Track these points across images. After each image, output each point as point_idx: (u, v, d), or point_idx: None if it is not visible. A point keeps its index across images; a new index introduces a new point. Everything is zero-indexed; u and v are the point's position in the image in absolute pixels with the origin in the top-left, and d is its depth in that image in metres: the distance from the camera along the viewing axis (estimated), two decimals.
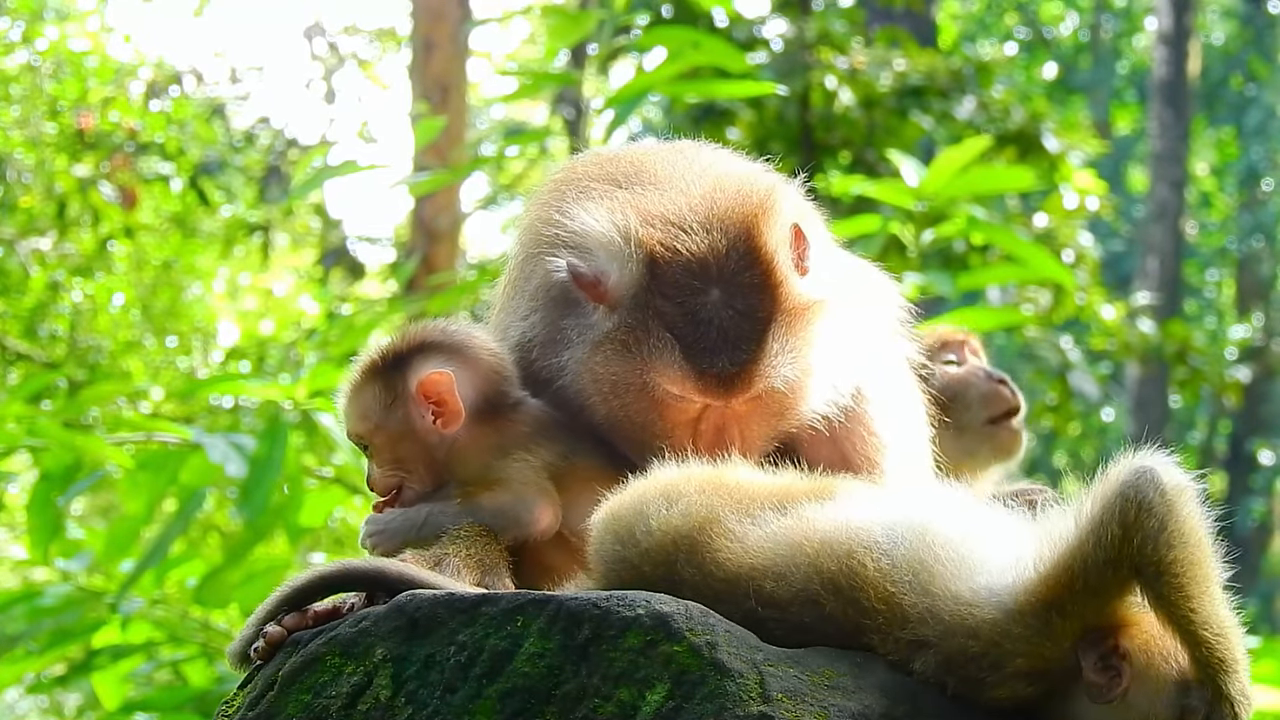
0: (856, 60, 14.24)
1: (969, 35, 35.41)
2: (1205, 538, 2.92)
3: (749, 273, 3.42)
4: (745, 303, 3.41)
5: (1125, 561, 2.87)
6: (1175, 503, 2.88)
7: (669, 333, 3.40)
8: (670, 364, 3.40)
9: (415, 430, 3.58)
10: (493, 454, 3.57)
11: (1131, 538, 2.86)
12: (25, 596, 7.29)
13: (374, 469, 3.64)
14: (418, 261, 14.69)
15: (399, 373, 3.61)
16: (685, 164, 3.60)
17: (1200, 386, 17.91)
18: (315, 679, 3.12)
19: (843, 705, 2.97)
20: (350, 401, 3.66)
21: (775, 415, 3.53)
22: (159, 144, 16.95)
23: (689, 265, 3.40)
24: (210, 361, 17.67)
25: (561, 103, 19.68)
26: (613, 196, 3.52)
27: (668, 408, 3.47)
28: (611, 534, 3.21)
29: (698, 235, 3.42)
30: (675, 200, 3.48)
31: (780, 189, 3.55)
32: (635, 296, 3.42)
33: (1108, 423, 33.18)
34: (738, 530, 3.16)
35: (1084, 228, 15.93)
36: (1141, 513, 2.87)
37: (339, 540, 14.19)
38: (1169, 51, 28.54)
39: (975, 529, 3.08)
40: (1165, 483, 2.89)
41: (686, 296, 3.40)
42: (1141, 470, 2.90)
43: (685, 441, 3.46)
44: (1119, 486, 2.89)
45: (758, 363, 3.41)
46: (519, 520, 3.50)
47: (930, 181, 7.64)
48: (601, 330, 3.46)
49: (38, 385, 10.70)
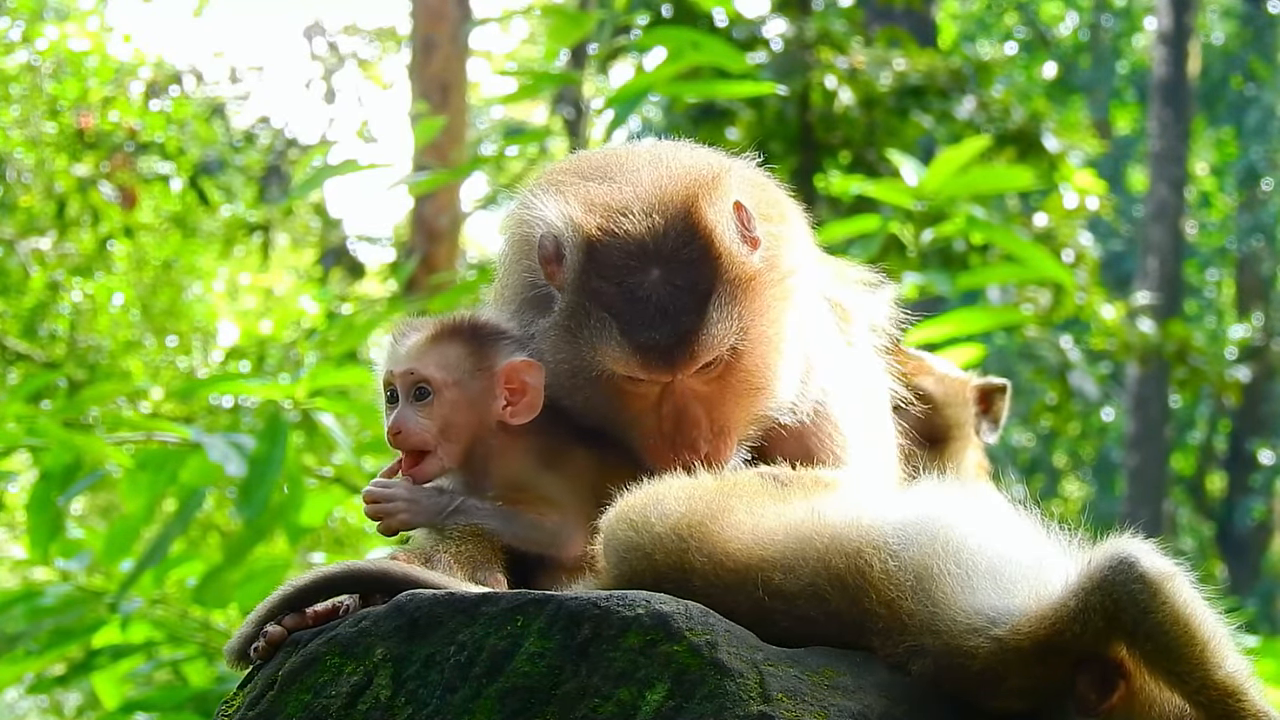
0: (856, 60, 14.25)
1: (969, 35, 35.42)
2: (1195, 617, 2.84)
3: (688, 248, 3.42)
4: (685, 277, 3.41)
5: (1114, 637, 2.86)
6: (1158, 591, 2.82)
7: (606, 312, 3.41)
8: (609, 342, 3.40)
9: (484, 407, 3.52)
10: (539, 462, 3.53)
11: (1115, 627, 2.84)
12: (25, 596, 7.29)
13: (413, 418, 3.50)
14: (418, 261, 14.70)
15: (491, 345, 3.55)
16: (647, 159, 3.62)
17: (1200, 386, 17.93)
18: (315, 679, 3.12)
19: (843, 705, 2.97)
20: (428, 346, 3.54)
21: (743, 395, 3.49)
22: (159, 144, 16.97)
23: (627, 247, 3.41)
24: (210, 361, 17.68)
25: (561, 103, 19.68)
26: (569, 189, 3.55)
27: (624, 395, 3.46)
28: (625, 521, 3.21)
29: (637, 218, 3.43)
30: (623, 189, 3.50)
31: (728, 170, 3.55)
32: (575, 280, 3.44)
33: (1108, 422, 33.19)
34: (749, 521, 3.15)
35: (1084, 227, 15.94)
36: (1122, 606, 2.82)
37: (339, 540, 14.19)
38: (1169, 51, 28.53)
39: (989, 537, 3.05)
40: (1146, 570, 2.82)
41: (624, 276, 3.41)
42: (1120, 560, 2.83)
43: (651, 430, 3.46)
44: (1099, 579, 2.84)
45: (697, 331, 3.39)
46: (557, 543, 3.48)
47: (930, 181, 7.64)
48: (553, 320, 3.49)
49: (38, 385, 10.70)
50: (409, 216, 16.37)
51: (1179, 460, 34.75)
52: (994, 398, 4.94)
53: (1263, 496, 34.34)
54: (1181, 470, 35.29)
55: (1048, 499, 3.58)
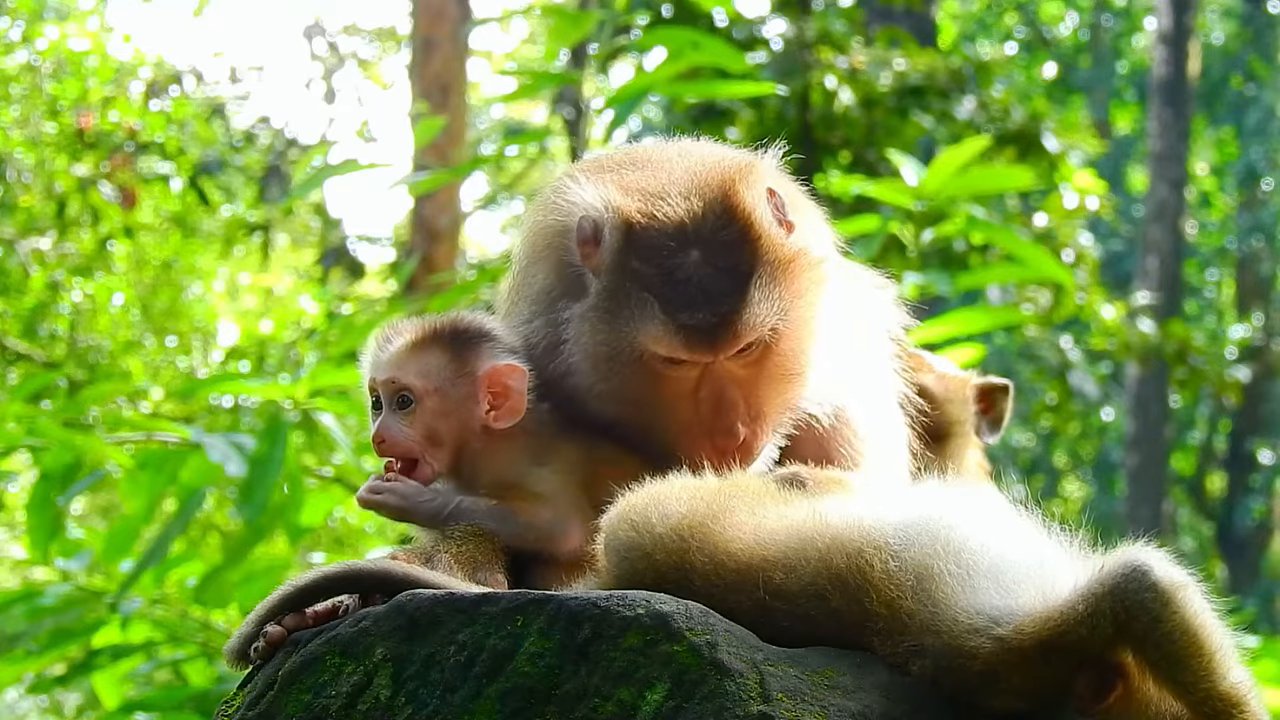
0: (856, 60, 14.25)
1: (969, 35, 35.41)
2: (1204, 628, 2.85)
3: (727, 230, 3.43)
4: (725, 259, 3.42)
5: (1120, 643, 2.87)
6: (1170, 601, 2.83)
7: (647, 293, 3.41)
8: (651, 322, 3.40)
9: (467, 412, 3.53)
10: (527, 459, 3.53)
11: (1124, 634, 2.84)
12: (25, 596, 7.29)
13: (396, 426, 3.52)
14: (418, 261, 14.71)
15: (473, 350, 3.55)
16: (674, 151, 3.65)
17: (1200, 386, 17.93)
18: (315, 678, 3.12)
19: (843, 705, 2.97)
20: (408, 353, 3.54)
21: (780, 380, 3.50)
22: (159, 144, 16.96)
23: (665, 229, 3.42)
24: (210, 361, 17.67)
25: (561, 103, 19.69)
26: (605, 177, 3.56)
27: (662, 378, 3.46)
28: (626, 521, 3.21)
29: (676, 201, 3.45)
30: (657, 175, 3.53)
31: (761, 160, 3.57)
32: (614, 263, 3.44)
33: (1107, 422, 33.19)
34: (751, 521, 3.15)
35: (1084, 227, 15.96)
36: (1134, 614, 2.82)
37: (339, 540, 14.20)
38: (1169, 51, 28.53)
39: (990, 538, 3.04)
40: (1159, 580, 2.83)
41: (664, 258, 3.41)
42: (1134, 568, 2.84)
43: (687, 415, 3.45)
44: (1110, 586, 2.84)
45: (740, 312, 3.39)
46: (552, 538, 3.47)
47: (930, 181, 7.64)
48: (589, 303, 3.48)
49: (38, 385, 10.69)
50: (409, 216, 16.39)
51: (1179, 460, 34.75)
52: (995, 397, 4.93)
53: (1263, 496, 34.34)
54: (1181, 470, 35.30)
55: (1048, 499, 3.58)
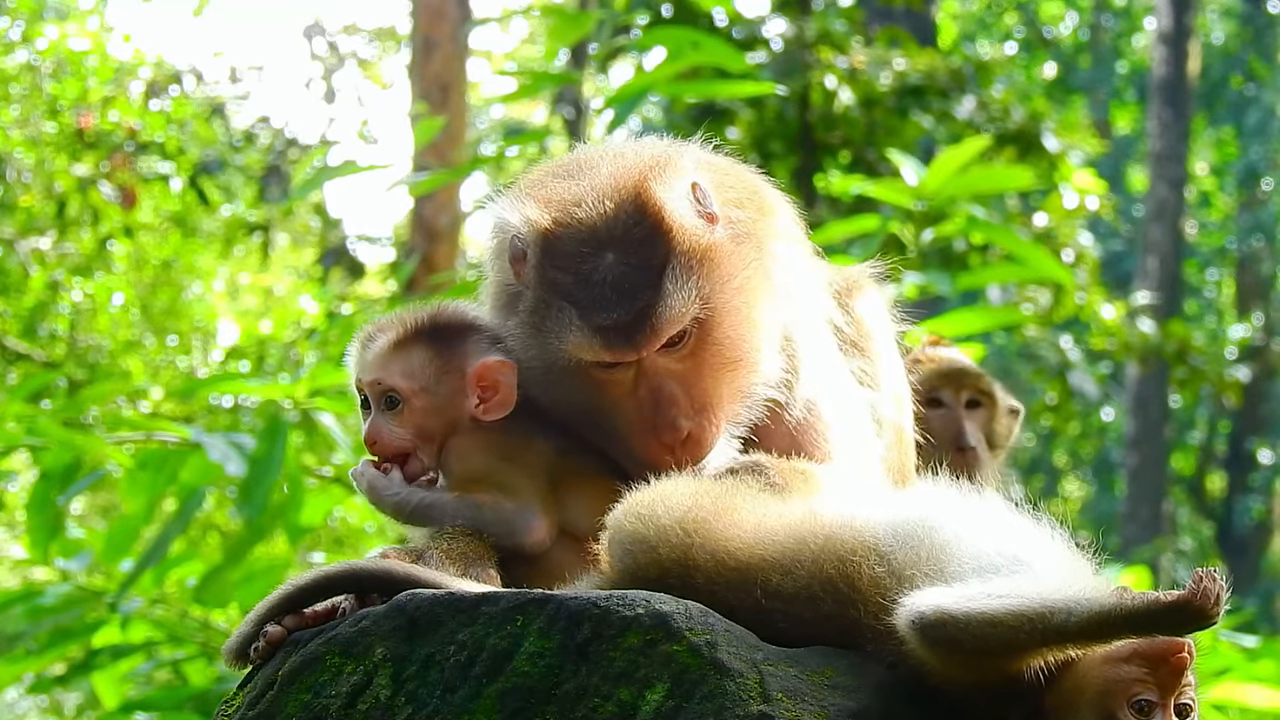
0: (856, 60, 14.25)
1: (969, 35, 35.43)
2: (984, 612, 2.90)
3: (639, 228, 3.42)
4: (638, 256, 3.41)
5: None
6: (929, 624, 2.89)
7: (564, 300, 3.41)
8: (570, 329, 3.40)
9: (456, 407, 3.54)
10: (498, 454, 3.54)
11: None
12: (25, 596, 7.29)
13: (387, 426, 3.55)
14: (418, 261, 14.71)
15: (458, 346, 3.57)
16: (611, 154, 3.61)
17: (1200, 386, 17.93)
18: (315, 678, 3.12)
19: (842, 705, 2.97)
20: (392, 353, 3.56)
21: (720, 369, 3.48)
22: (159, 143, 16.96)
23: (579, 235, 3.42)
24: (210, 361, 17.67)
25: (561, 102, 19.70)
26: (532, 191, 3.56)
27: (600, 383, 3.45)
28: (632, 515, 3.21)
29: (589, 206, 3.44)
30: (580, 183, 3.51)
31: (682, 154, 3.55)
32: (536, 276, 3.45)
33: (1108, 422, 33.20)
34: (751, 520, 3.16)
35: (1084, 227, 15.95)
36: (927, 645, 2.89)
37: (339, 540, 14.19)
38: (1169, 51, 28.55)
39: (976, 540, 3.03)
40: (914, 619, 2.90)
41: (579, 264, 3.41)
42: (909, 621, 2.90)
43: (632, 416, 3.44)
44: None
45: (654, 306, 3.38)
46: (515, 529, 3.47)
47: (930, 181, 7.64)
48: (520, 319, 3.50)
49: (38, 385, 10.70)
50: (409, 216, 16.39)
51: (1179, 460, 34.76)
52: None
53: (1262, 496, 34.34)
54: (1181, 470, 35.30)
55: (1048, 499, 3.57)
